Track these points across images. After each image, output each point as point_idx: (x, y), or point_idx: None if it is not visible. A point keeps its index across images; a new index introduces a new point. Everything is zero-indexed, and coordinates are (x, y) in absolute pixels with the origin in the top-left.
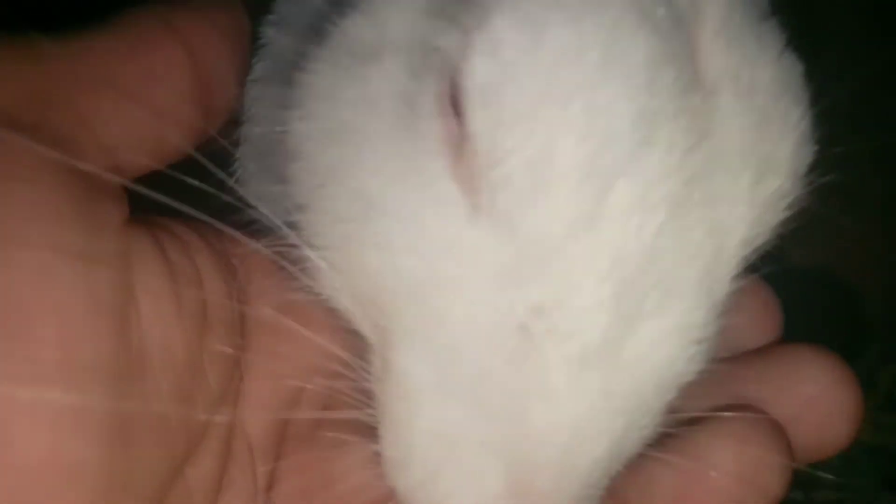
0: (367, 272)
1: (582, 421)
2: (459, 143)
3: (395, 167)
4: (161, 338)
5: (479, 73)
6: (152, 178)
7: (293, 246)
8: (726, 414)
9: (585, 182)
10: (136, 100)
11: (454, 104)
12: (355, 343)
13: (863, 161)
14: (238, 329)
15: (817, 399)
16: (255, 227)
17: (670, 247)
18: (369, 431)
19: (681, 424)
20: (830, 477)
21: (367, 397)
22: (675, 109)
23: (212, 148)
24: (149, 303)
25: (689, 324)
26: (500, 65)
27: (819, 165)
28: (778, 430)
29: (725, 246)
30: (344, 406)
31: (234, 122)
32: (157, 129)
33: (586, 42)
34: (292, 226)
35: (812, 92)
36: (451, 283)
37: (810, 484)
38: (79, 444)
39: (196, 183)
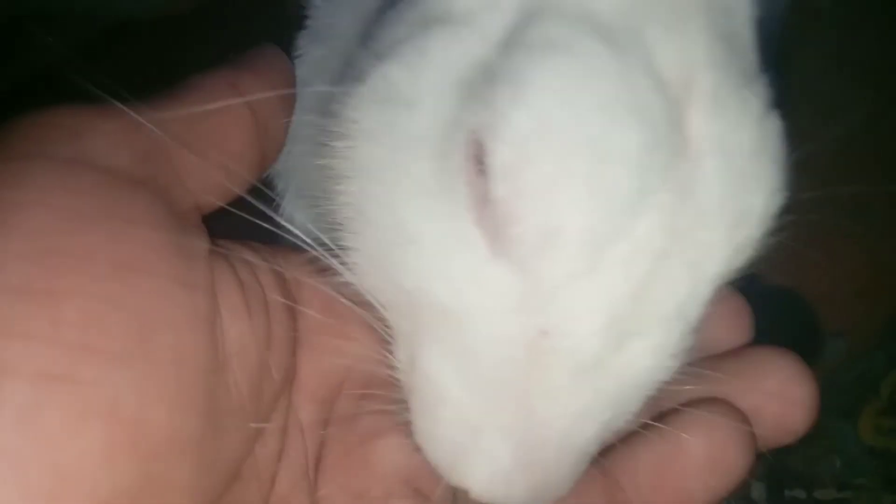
0: (400, 289)
1: (577, 414)
2: (484, 199)
3: (429, 207)
4: (238, 343)
5: (500, 155)
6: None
7: (329, 260)
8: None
9: (586, 245)
10: (213, 153)
11: (480, 166)
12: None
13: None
14: (293, 330)
15: (778, 392)
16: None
17: (654, 286)
18: (404, 417)
19: (661, 415)
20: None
21: (400, 385)
22: (664, 182)
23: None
24: (229, 315)
25: (666, 343)
26: (517, 151)
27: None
28: (742, 419)
29: (700, 282)
30: (381, 393)
31: None
32: (228, 175)
33: (588, 135)
34: (323, 243)
35: (793, 142)
36: (474, 308)
37: (813, 483)
38: (187, 422)
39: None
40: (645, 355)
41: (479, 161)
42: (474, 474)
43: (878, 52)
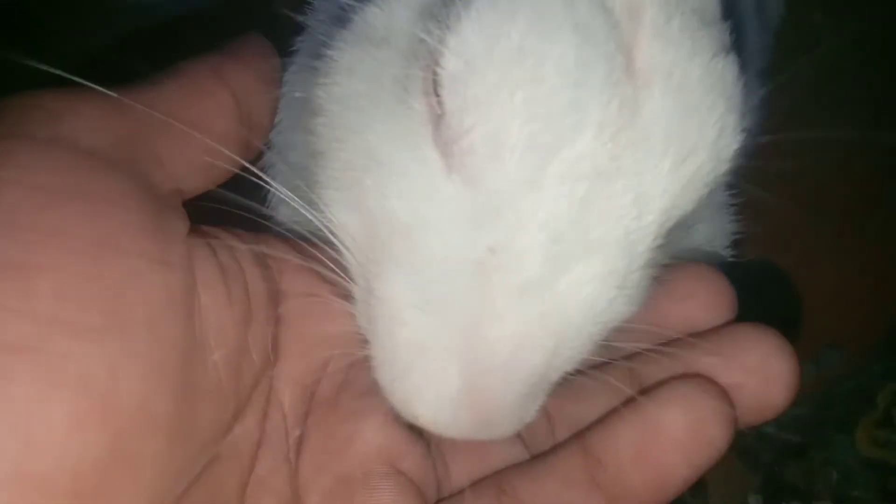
0: (365, 210)
1: (522, 336)
2: (438, 118)
3: (393, 131)
4: (216, 322)
5: (450, 66)
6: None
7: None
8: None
9: (528, 155)
10: (195, 137)
11: (435, 87)
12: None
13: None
14: (274, 314)
15: (758, 368)
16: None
17: (596, 209)
18: (383, 399)
19: (642, 391)
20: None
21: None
22: (605, 99)
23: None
24: (207, 296)
25: (610, 271)
26: (465, 61)
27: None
28: (722, 394)
29: (647, 212)
30: (361, 377)
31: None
32: (210, 160)
33: (528, 47)
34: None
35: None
36: (429, 224)
37: (809, 495)
38: (159, 396)
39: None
40: (589, 281)
41: (434, 79)
42: (418, 396)
43: (873, 66)
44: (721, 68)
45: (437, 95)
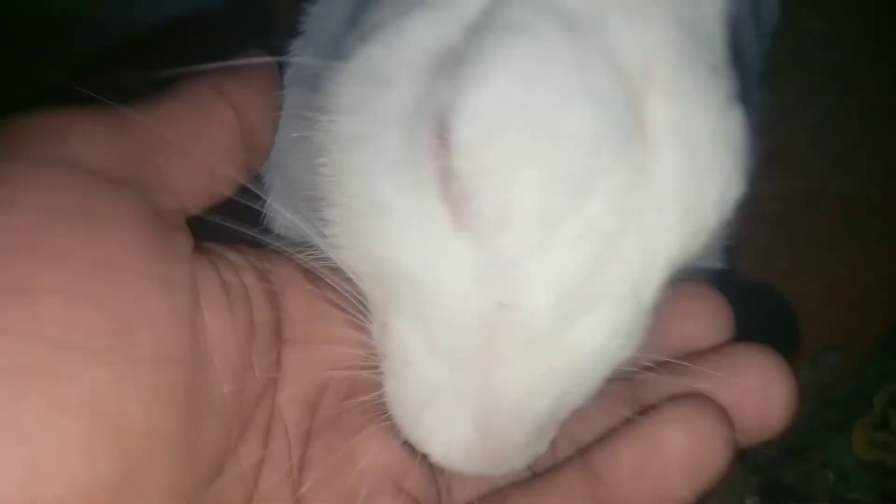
0: (372, 258)
1: (530, 384)
2: (447, 174)
3: (399, 181)
4: (220, 341)
5: (462, 132)
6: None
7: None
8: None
9: (538, 221)
10: (197, 156)
11: (445, 143)
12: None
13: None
14: (277, 333)
15: (757, 388)
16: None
17: (607, 265)
18: (387, 415)
19: (642, 410)
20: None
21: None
22: (618, 164)
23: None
24: (210, 314)
25: (619, 321)
26: (477, 130)
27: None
28: (722, 414)
29: (653, 263)
30: (365, 394)
31: None
32: (213, 177)
33: (543, 116)
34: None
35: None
36: (437, 279)
37: (806, 497)
38: (167, 417)
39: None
40: (597, 331)
41: (443, 138)
42: (433, 436)
43: (869, 70)
44: (729, 121)
45: (446, 156)
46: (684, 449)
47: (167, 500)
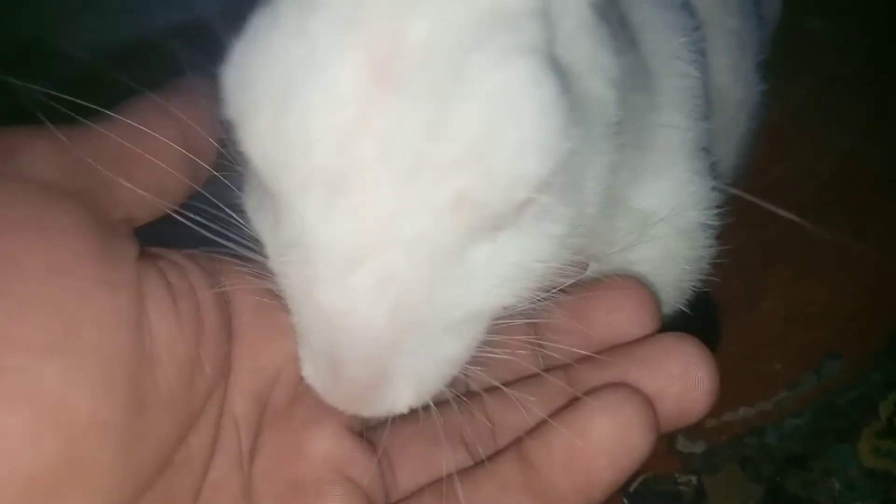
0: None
1: (340, 302)
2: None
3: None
4: (166, 339)
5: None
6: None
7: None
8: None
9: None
10: (143, 169)
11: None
12: None
13: None
14: (226, 329)
15: (679, 374)
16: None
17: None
18: (334, 409)
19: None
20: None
21: None
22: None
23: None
24: (156, 314)
25: (416, 248)
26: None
27: None
28: (645, 401)
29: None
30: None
31: None
32: (158, 190)
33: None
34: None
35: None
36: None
37: None
38: (109, 407)
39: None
40: (398, 260)
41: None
42: (309, 370)
43: (870, 71)
44: (508, 72)
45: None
46: (609, 436)
47: (111, 483)
